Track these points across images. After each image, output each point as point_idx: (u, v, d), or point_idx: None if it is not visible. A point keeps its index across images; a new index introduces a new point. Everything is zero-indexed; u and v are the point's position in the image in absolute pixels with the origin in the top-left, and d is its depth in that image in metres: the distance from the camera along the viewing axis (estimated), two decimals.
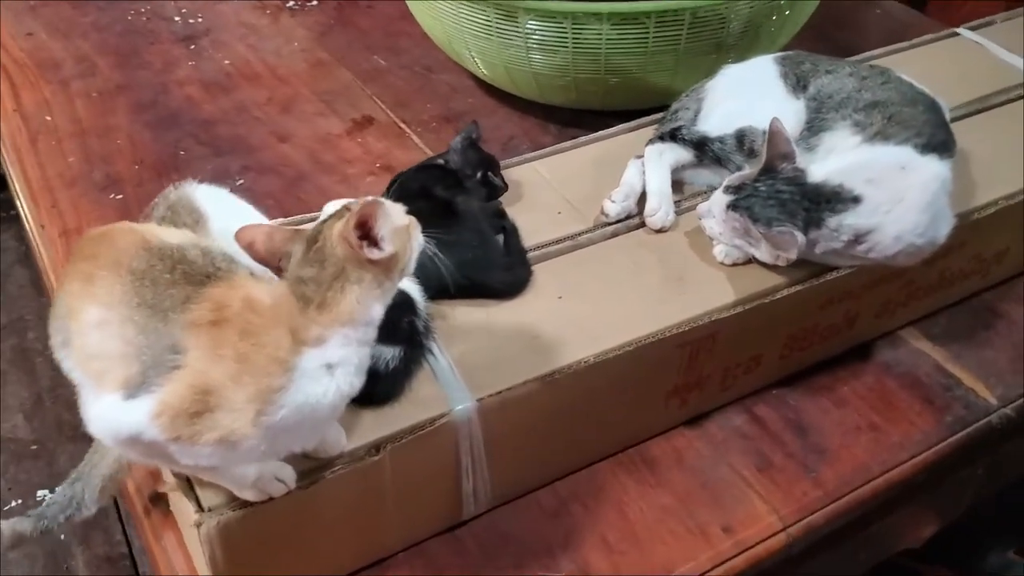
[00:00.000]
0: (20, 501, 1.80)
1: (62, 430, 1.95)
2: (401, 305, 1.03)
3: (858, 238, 1.12)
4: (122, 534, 1.55)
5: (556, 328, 1.09)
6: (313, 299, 0.82)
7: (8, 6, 2.06)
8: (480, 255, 1.12)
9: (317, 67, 1.88)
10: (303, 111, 1.75)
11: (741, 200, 1.13)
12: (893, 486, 1.15)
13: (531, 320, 1.10)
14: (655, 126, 1.40)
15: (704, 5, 1.47)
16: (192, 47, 1.93)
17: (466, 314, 1.11)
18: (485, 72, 1.69)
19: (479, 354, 1.06)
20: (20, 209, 1.57)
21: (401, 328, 1.02)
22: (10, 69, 1.84)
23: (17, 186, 1.58)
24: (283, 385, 0.80)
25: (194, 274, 0.85)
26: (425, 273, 1.08)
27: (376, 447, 0.96)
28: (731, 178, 1.17)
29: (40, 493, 1.82)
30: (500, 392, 1.01)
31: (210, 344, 0.80)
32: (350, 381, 0.85)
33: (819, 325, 1.21)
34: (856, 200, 1.11)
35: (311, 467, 0.94)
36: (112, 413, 0.81)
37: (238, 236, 0.86)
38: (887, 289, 1.24)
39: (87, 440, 1.66)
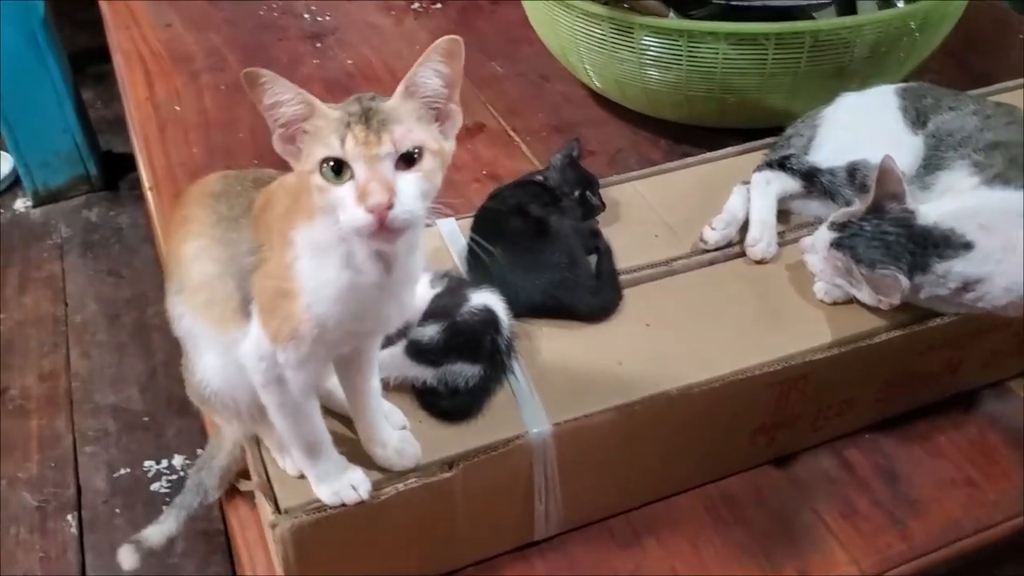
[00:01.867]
0: (128, 470, 1.89)
1: (171, 404, 2.03)
2: (485, 322, 1.04)
3: (966, 286, 1.06)
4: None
5: (640, 356, 1.08)
6: None
7: None
8: (569, 277, 1.12)
9: None
10: None
11: (845, 239, 1.10)
12: (985, 547, 1.10)
13: (616, 346, 1.09)
14: (765, 151, 1.37)
15: (826, 28, 1.43)
16: (318, 45, 1.98)
17: (551, 335, 1.11)
18: (598, 84, 1.68)
19: (560, 377, 1.05)
20: (145, 194, 1.65)
21: (483, 346, 1.02)
22: (147, 59, 1.93)
23: (144, 172, 1.65)
24: (293, 259, 0.80)
25: (264, 179, 0.89)
26: (511, 291, 1.09)
27: (449, 463, 0.97)
28: (837, 214, 1.13)
29: (147, 463, 1.91)
30: (577, 418, 1.01)
31: (263, 229, 0.84)
32: (341, 269, 0.79)
33: (919, 371, 1.17)
34: (967, 247, 1.06)
35: (385, 478, 0.96)
36: (249, 348, 0.84)
37: None
38: (995, 338, 1.18)
39: (194, 416, 1.73)
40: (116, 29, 2.04)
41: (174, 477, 1.88)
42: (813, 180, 1.24)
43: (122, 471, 1.90)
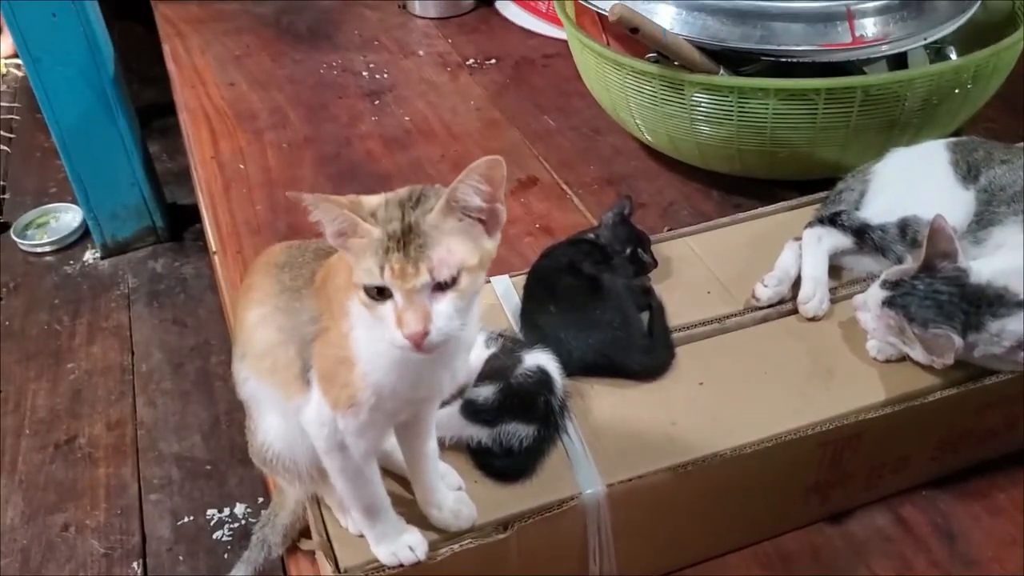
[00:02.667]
0: (191, 518, 1.93)
1: (233, 453, 2.07)
2: (539, 383, 1.06)
3: (1022, 345, 1.06)
4: None
5: (693, 416, 1.09)
6: None
7: (216, 55, 2.24)
8: (621, 336, 1.13)
9: (490, 126, 1.94)
10: None
11: (898, 297, 1.10)
12: None
13: (669, 405, 1.10)
14: (817, 206, 1.38)
15: (877, 83, 1.44)
16: (376, 102, 2.04)
17: (603, 393, 1.12)
18: (649, 138, 1.71)
19: (613, 437, 1.07)
20: (210, 249, 1.70)
21: (537, 406, 1.04)
22: (212, 118, 2.00)
23: (210, 230, 1.71)
24: (350, 329, 0.82)
25: (325, 250, 0.92)
26: (564, 349, 1.11)
27: (504, 524, 0.99)
28: (889, 272, 1.14)
29: (210, 512, 1.95)
30: (631, 479, 1.02)
31: (323, 300, 0.87)
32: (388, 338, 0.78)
33: (975, 429, 1.16)
34: (1021, 305, 1.05)
35: (441, 538, 0.98)
36: (311, 415, 0.88)
37: None
38: None
39: (255, 465, 1.76)
40: (183, 88, 2.12)
41: (236, 525, 1.92)
42: (864, 236, 1.24)
43: (186, 519, 1.93)
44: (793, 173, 1.59)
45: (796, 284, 1.24)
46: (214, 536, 1.89)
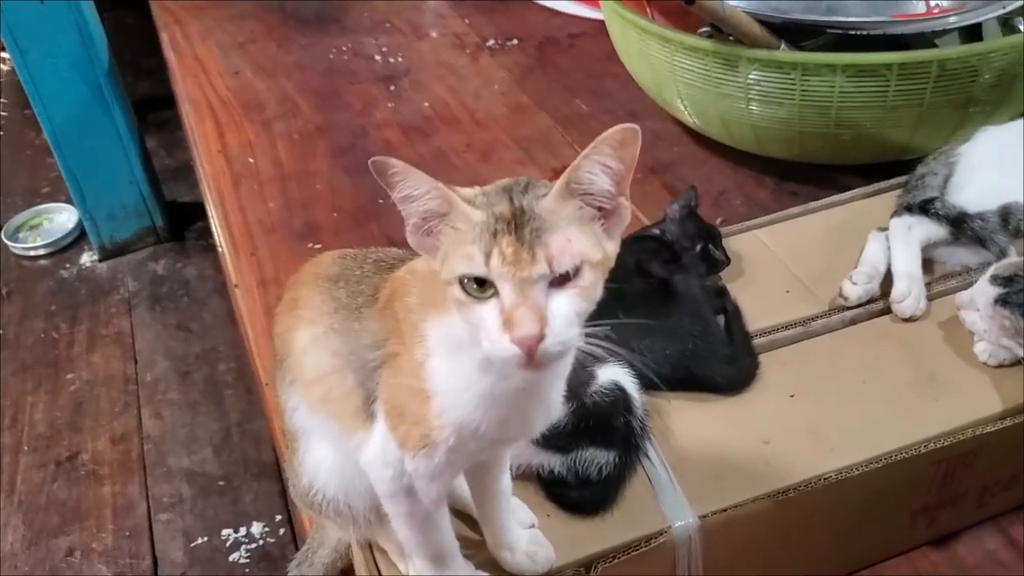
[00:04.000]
0: (206, 538, 1.80)
1: (248, 467, 1.95)
2: (616, 402, 0.93)
3: None
4: None
5: (787, 433, 0.96)
6: None
7: (219, 42, 2.10)
8: (701, 345, 1.01)
9: (517, 111, 1.81)
10: (501, 159, 1.68)
11: (1013, 294, 0.98)
12: None
13: (759, 421, 0.98)
14: (896, 192, 1.25)
15: (955, 56, 1.31)
16: (392, 88, 1.91)
17: (682, 410, 1.00)
18: (695, 121, 1.57)
19: (700, 460, 0.94)
20: (220, 253, 1.57)
21: (616, 429, 0.92)
22: (217, 109, 1.86)
23: (219, 231, 1.58)
24: (425, 356, 0.70)
25: (387, 261, 0.79)
26: (637, 362, 0.98)
27: (586, 566, 0.87)
28: (1000, 267, 1.01)
29: (224, 532, 1.82)
30: (726, 509, 0.90)
31: (390, 321, 0.73)
32: (481, 372, 0.68)
33: None
34: None
35: None
36: (373, 453, 0.75)
37: None
38: None
39: (272, 479, 1.63)
40: (184, 78, 1.98)
41: (253, 546, 1.79)
42: (961, 226, 1.12)
43: (199, 540, 1.81)
44: (856, 157, 1.47)
45: (886, 281, 1.11)
46: (231, 558, 1.77)
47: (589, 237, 0.63)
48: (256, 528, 1.82)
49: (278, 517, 1.83)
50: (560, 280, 0.62)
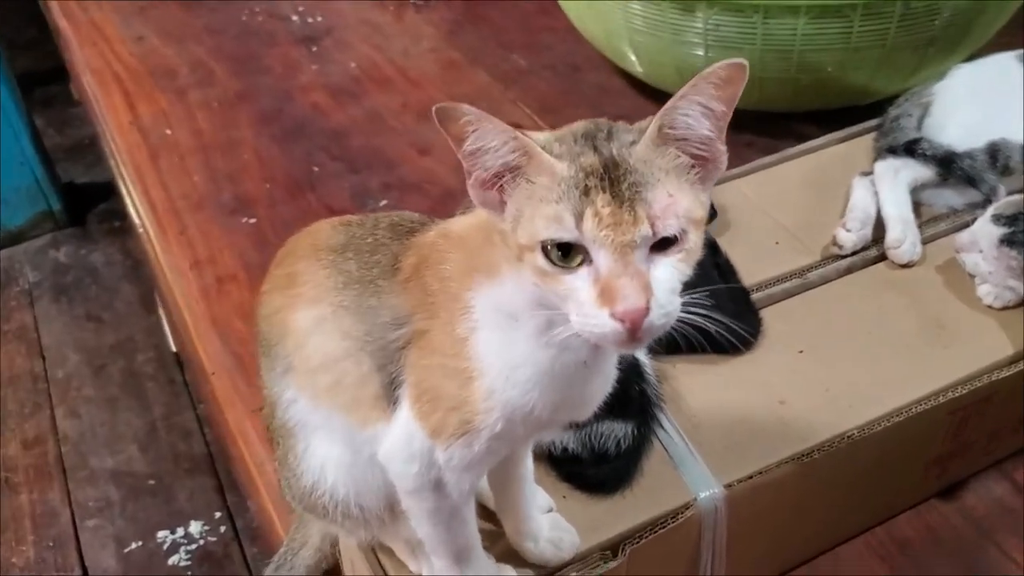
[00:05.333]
0: (140, 543, 1.68)
1: (179, 463, 1.82)
2: (628, 369, 0.86)
3: None
4: None
5: (802, 391, 0.91)
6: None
7: (116, 7, 1.93)
8: (703, 301, 0.94)
9: (450, 69, 1.71)
10: None
11: (1020, 233, 0.94)
12: None
13: (770, 381, 0.92)
14: (870, 136, 1.21)
15: None
16: (314, 49, 1.78)
17: (690, 373, 0.93)
18: (642, 70, 1.51)
19: (716, 426, 0.88)
20: (145, 235, 1.43)
21: (632, 398, 0.85)
22: (123, 77, 1.71)
23: (141, 210, 1.44)
24: (469, 331, 0.62)
25: (404, 226, 0.69)
26: None
27: (612, 548, 0.80)
28: (1001, 205, 0.98)
29: (160, 534, 1.70)
30: (751, 476, 0.84)
31: (418, 294, 0.65)
32: (539, 345, 0.61)
33: None
34: None
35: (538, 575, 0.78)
36: (395, 446, 0.66)
37: None
38: None
39: (206, 474, 1.52)
40: (81, 47, 1.81)
41: (193, 547, 1.67)
42: (950, 166, 1.08)
43: (133, 545, 1.68)
44: (815, 103, 1.42)
45: (877, 227, 1.07)
46: (170, 562, 1.65)
47: (689, 192, 0.56)
48: (195, 527, 1.70)
49: (217, 514, 1.71)
50: (661, 244, 0.54)
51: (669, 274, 0.55)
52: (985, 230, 0.97)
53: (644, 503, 0.82)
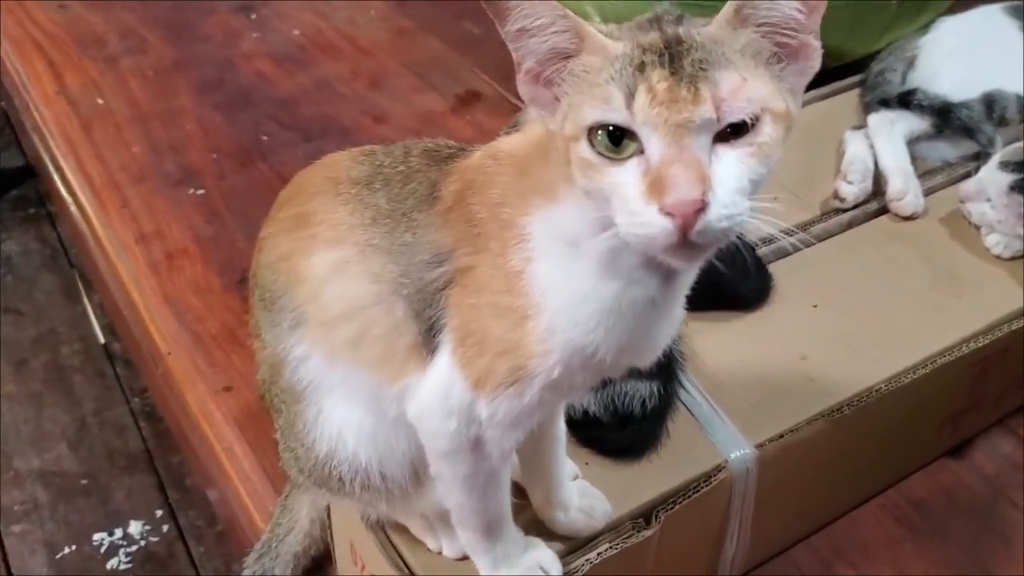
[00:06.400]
0: (74, 547, 1.54)
1: (113, 460, 1.68)
2: None
3: None
4: None
5: (823, 346, 0.87)
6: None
7: None
8: (721, 256, 0.89)
9: (401, 36, 1.63)
10: (396, 87, 1.51)
11: None
12: None
13: (789, 337, 0.88)
14: (856, 93, 1.18)
15: None
16: (253, 16, 1.68)
17: (705, 332, 0.88)
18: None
19: (739, 385, 0.83)
20: (80, 212, 1.32)
21: None
22: (46, 46, 1.58)
23: (75, 184, 1.33)
24: (525, 262, 0.54)
25: (443, 152, 0.61)
26: None
27: (645, 516, 0.74)
28: (1008, 152, 0.96)
29: (96, 537, 1.57)
30: (782, 435, 0.79)
31: (461, 224, 0.57)
32: (604, 276, 0.53)
33: None
34: None
35: (567, 547, 0.71)
36: (431, 399, 0.58)
37: None
38: None
39: (144, 471, 1.42)
40: None
41: (134, 549, 1.54)
42: (947, 116, 1.05)
43: (66, 550, 1.53)
44: None
45: (875, 181, 1.04)
46: (108, 565, 1.52)
47: (768, 81, 0.48)
48: (134, 528, 1.57)
49: (159, 512, 1.58)
50: (729, 134, 0.47)
51: (736, 170, 0.47)
52: (993, 178, 0.95)
53: (674, 467, 0.76)
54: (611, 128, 0.47)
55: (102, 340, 1.83)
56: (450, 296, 0.56)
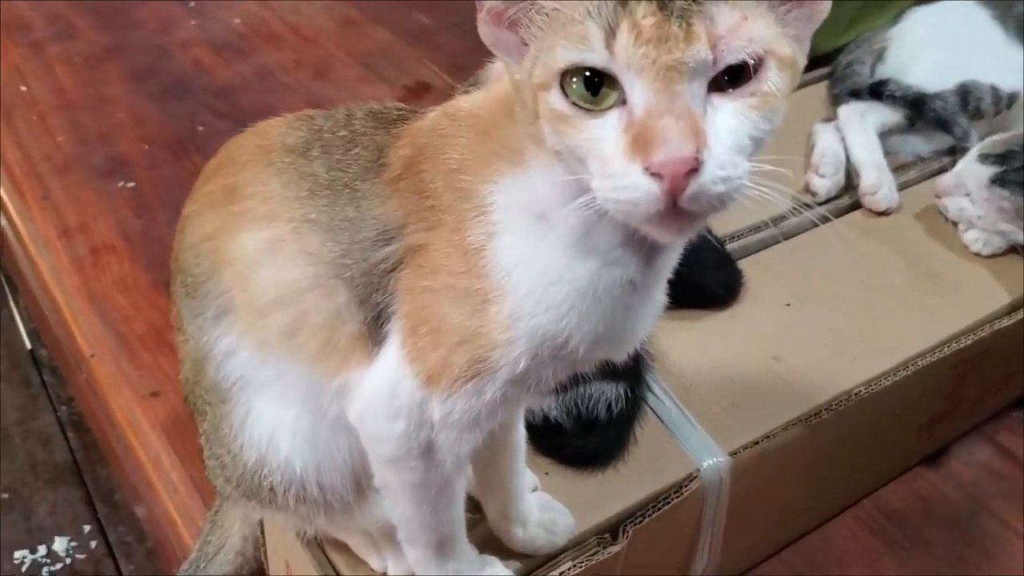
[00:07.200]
0: None
1: (37, 473, 1.58)
2: None
3: None
4: None
5: (798, 346, 0.81)
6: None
7: None
8: (688, 249, 0.83)
9: (348, 26, 1.56)
10: (342, 77, 1.44)
11: (1012, 172, 0.87)
12: None
13: (761, 336, 0.82)
14: (824, 85, 1.13)
15: None
16: (191, 4, 1.60)
17: (674, 331, 0.82)
18: None
19: (710, 387, 0.77)
20: None
21: None
22: None
23: None
24: (486, 238, 0.47)
25: (389, 113, 0.54)
26: None
27: (611, 530, 0.67)
28: (988, 144, 0.91)
29: (18, 555, 1.47)
30: (757, 442, 0.73)
31: (412, 196, 0.50)
32: (577, 254, 0.47)
33: None
34: None
35: (524, 565, 0.64)
36: (376, 398, 0.51)
37: None
38: None
39: (71, 484, 1.33)
40: None
41: (58, 567, 1.44)
42: (921, 108, 1.00)
43: None
44: None
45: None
46: None
47: (772, 22, 0.41)
48: (59, 544, 1.47)
49: (86, 528, 1.49)
50: (727, 82, 0.40)
51: (735, 122, 0.40)
52: (972, 171, 0.90)
53: (642, 476, 0.70)
54: (588, 73, 0.40)
55: (28, 345, 1.73)
56: (400, 279, 0.49)
